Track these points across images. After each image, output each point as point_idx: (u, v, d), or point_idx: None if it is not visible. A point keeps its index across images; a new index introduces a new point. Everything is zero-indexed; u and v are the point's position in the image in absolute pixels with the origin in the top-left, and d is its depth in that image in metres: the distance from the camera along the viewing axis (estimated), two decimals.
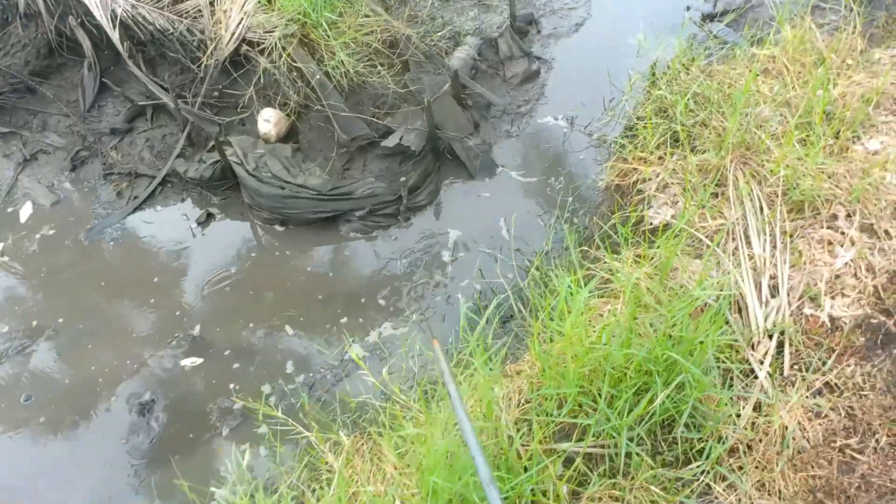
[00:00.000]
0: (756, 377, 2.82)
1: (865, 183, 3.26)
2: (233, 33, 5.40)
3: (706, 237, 3.43)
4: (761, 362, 2.86)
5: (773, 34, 4.70)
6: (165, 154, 5.72)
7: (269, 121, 5.33)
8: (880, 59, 4.55)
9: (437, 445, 2.50)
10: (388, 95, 5.45)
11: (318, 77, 5.24)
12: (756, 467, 2.63)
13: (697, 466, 2.64)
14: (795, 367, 2.86)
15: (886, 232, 3.14)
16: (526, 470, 2.65)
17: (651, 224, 3.78)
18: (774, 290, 3.08)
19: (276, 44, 5.22)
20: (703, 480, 2.63)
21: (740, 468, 2.66)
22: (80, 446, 4.26)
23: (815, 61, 4.45)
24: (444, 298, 4.81)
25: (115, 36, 5.69)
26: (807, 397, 2.76)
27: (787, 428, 2.64)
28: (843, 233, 3.19)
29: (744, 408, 2.72)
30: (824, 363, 2.83)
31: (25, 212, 5.56)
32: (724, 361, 2.85)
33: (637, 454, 2.66)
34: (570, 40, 6.85)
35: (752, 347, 2.90)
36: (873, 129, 3.76)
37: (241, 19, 5.37)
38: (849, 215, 3.25)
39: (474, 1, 7.01)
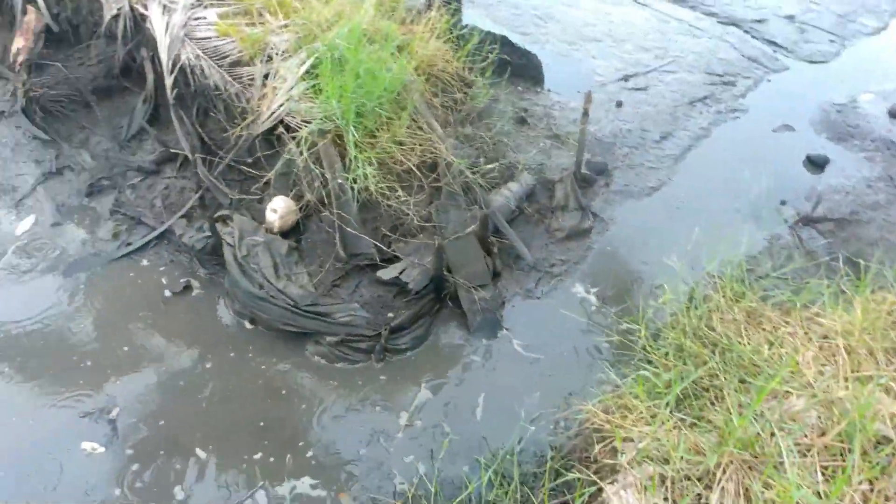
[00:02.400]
0: None
1: None
2: (272, 112, 5.13)
3: None
4: None
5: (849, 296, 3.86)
6: (176, 208, 5.49)
7: (275, 211, 4.98)
8: None
9: None
10: (408, 221, 4.97)
11: (338, 182, 4.84)
12: None
13: None
14: None
15: None
16: None
17: None
18: None
19: (307, 136, 4.87)
20: None
21: None
22: None
23: (889, 349, 3.59)
24: (380, 470, 4.17)
25: (168, 80, 5.58)
26: None
27: None
28: None
29: None
30: None
31: (24, 225, 5.45)
32: None
33: None
34: (639, 203, 6.18)
35: None
36: None
37: (285, 101, 5.09)
38: None
39: (549, 133, 6.51)
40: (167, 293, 5.03)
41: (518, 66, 6.78)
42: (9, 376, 4.49)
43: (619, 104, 7.12)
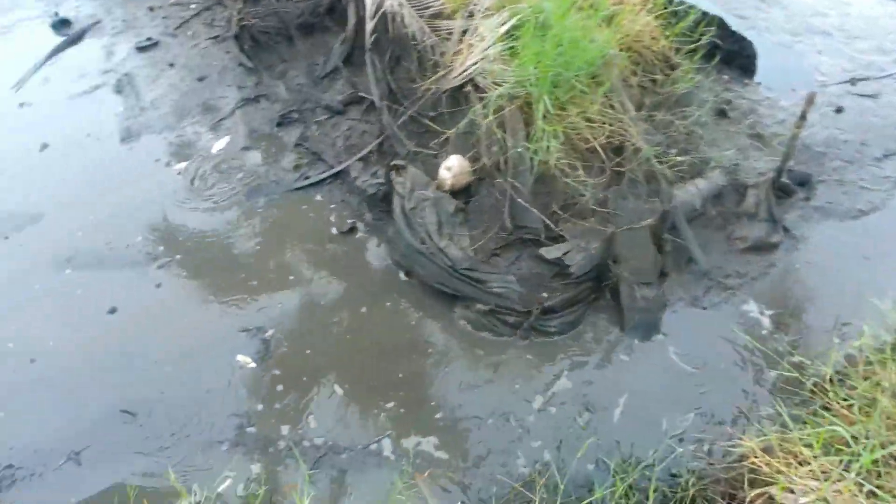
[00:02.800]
0: None
1: None
2: (465, 69, 5.05)
3: None
4: None
5: None
6: (355, 150, 5.64)
7: (449, 169, 4.94)
8: None
9: None
10: (582, 202, 4.73)
11: (518, 151, 4.69)
12: None
13: None
14: None
15: None
16: None
17: None
18: None
19: (495, 99, 4.75)
20: None
21: None
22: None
23: None
24: (505, 448, 4.09)
25: (368, 25, 5.67)
26: None
27: None
28: None
29: None
30: None
31: (219, 144, 5.86)
32: None
33: None
34: (842, 226, 5.44)
35: None
36: None
37: (479, 60, 4.99)
38: None
39: (751, 131, 5.90)
40: (333, 231, 5.20)
41: (729, 53, 6.18)
42: (185, 282, 4.88)
43: (840, 110, 6.29)
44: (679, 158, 4.97)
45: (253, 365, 4.42)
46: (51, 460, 3.96)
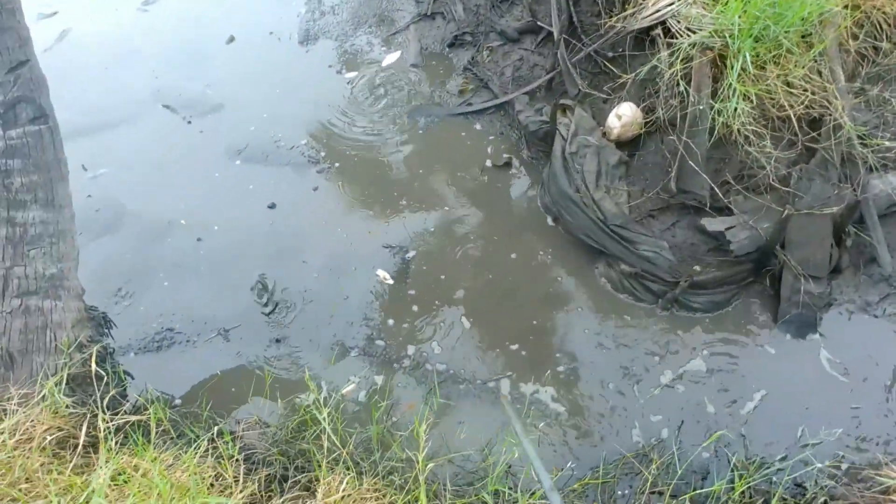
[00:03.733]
0: None
1: None
2: (657, 10, 4.64)
3: None
4: None
5: None
6: (522, 83, 5.46)
7: (620, 117, 4.65)
8: None
9: None
10: (760, 176, 4.30)
11: (700, 108, 4.31)
12: None
13: None
14: None
15: None
16: None
17: None
18: None
19: (686, 48, 4.34)
20: None
21: None
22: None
23: None
24: (622, 416, 3.99)
25: None
26: None
27: None
28: None
29: None
30: None
31: (390, 58, 5.89)
32: None
33: None
34: None
35: None
36: None
37: (675, 1, 4.56)
38: None
39: None
40: (488, 163, 5.13)
41: None
42: (339, 190, 5.06)
43: None
44: (888, 143, 4.34)
45: (391, 281, 4.55)
46: (204, 332, 4.37)
